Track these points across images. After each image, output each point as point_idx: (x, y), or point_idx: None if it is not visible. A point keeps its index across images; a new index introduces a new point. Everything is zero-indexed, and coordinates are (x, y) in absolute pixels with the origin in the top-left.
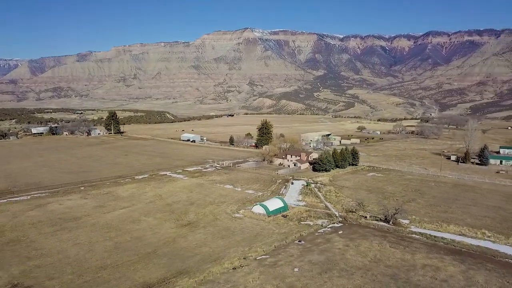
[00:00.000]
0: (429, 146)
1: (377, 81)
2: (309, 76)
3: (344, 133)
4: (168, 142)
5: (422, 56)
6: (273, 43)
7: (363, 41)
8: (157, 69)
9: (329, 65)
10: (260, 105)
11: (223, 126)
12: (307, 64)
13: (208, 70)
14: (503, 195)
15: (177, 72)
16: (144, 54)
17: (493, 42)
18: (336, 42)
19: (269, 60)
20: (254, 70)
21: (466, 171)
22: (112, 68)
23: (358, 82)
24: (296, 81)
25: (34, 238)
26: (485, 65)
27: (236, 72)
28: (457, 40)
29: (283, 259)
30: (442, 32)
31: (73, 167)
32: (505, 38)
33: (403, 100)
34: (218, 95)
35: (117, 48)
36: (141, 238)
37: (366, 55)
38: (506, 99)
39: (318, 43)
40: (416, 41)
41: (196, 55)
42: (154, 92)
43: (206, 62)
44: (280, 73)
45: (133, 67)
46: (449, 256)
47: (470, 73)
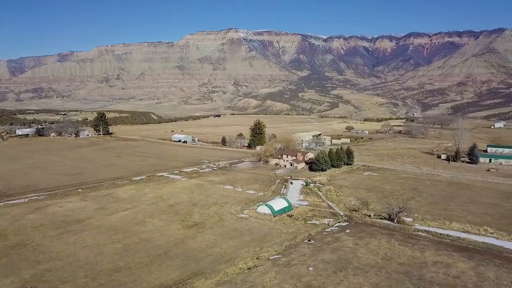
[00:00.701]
0: (418, 145)
1: (360, 81)
2: (293, 76)
3: (332, 133)
4: (160, 143)
5: (404, 57)
6: (257, 43)
7: (346, 42)
8: (141, 69)
9: (313, 65)
10: (245, 105)
11: (212, 127)
12: (292, 65)
13: (192, 71)
14: (497, 193)
15: (161, 73)
16: (127, 54)
17: (472, 43)
18: (320, 42)
19: (253, 61)
20: (239, 70)
21: (458, 170)
22: (95, 68)
23: (342, 82)
24: (281, 81)
25: (39, 242)
26: (465, 66)
27: (220, 73)
28: (438, 41)
29: (296, 259)
30: (423, 33)
31: (67, 169)
32: (483, 40)
33: (386, 100)
34: (202, 96)
35: (99, 48)
36: (149, 240)
37: (349, 55)
38: (485, 99)
39: (302, 43)
40: (398, 42)
41: (180, 55)
42: (137, 93)
43: (190, 63)
44: (264, 74)
45: (116, 68)
46: (457, 253)
47: (450, 73)
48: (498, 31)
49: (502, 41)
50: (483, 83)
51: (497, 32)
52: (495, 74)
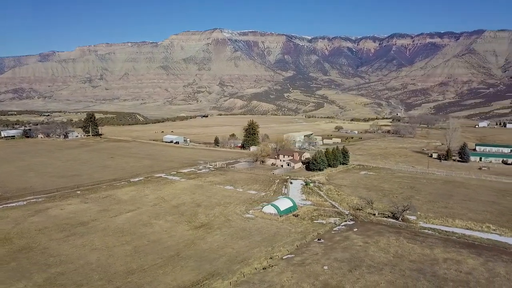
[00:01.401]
0: (407, 144)
1: (345, 81)
2: (278, 77)
3: (322, 133)
4: (152, 144)
5: (387, 58)
6: (242, 43)
7: (330, 43)
8: (125, 69)
9: (298, 66)
10: (231, 105)
11: (201, 127)
12: (277, 65)
13: (177, 71)
14: (492, 190)
15: (145, 73)
16: (111, 54)
17: (453, 44)
18: (304, 43)
19: (239, 61)
20: (224, 70)
21: (451, 168)
22: (77, 68)
23: (326, 82)
24: (266, 82)
25: (46, 245)
26: (446, 66)
27: (205, 73)
28: (420, 42)
29: (310, 258)
30: (406, 34)
31: (61, 170)
32: (464, 41)
33: (371, 100)
34: (188, 96)
35: (82, 48)
36: (158, 241)
37: (333, 56)
38: (466, 99)
39: (287, 44)
40: (381, 43)
41: (165, 56)
42: (121, 93)
43: (175, 63)
44: (250, 74)
45: (99, 68)
46: (465, 249)
47: (432, 74)
48: (478, 32)
49: (481, 42)
50: (464, 83)
51: (477, 33)
52: (476, 75)
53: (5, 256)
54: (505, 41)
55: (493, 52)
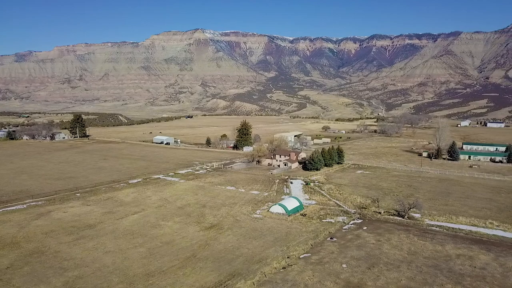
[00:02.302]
0: (395, 144)
1: (326, 82)
2: (261, 77)
3: (310, 133)
4: (142, 145)
5: (368, 58)
6: (224, 44)
7: (312, 43)
8: (105, 70)
9: (280, 66)
10: (214, 106)
11: (189, 128)
12: (259, 66)
13: (158, 71)
14: (487, 187)
15: (126, 73)
16: (90, 54)
17: (431, 46)
18: (286, 44)
19: (221, 61)
20: (206, 71)
21: (443, 167)
22: (56, 69)
23: (308, 83)
24: (249, 82)
25: (57, 248)
26: (425, 67)
27: (187, 73)
28: (399, 43)
29: (327, 256)
30: (385, 36)
31: (56, 173)
32: (441, 42)
33: (352, 100)
34: (169, 97)
35: (60, 48)
36: (171, 243)
37: (315, 57)
38: (445, 99)
39: (269, 44)
40: (361, 44)
41: (146, 56)
42: (102, 94)
43: (156, 63)
44: (232, 75)
45: (79, 68)
46: (474, 245)
47: (412, 74)
48: (455, 34)
49: (458, 44)
50: (442, 84)
51: (454, 35)
52: (453, 75)
53: (17, 261)
54: (480, 42)
55: (469, 53)
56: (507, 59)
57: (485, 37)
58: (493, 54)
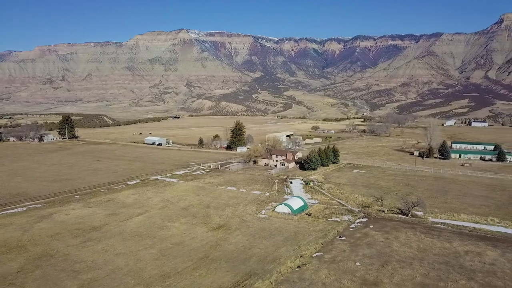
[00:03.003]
0: (385, 143)
1: (311, 82)
2: (246, 78)
3: (300, 133)
4: (134, 146)
5: (352, 59)
6: (209, 44)
7: (296, 44)
8: (88, 70)
9: (266, 67)
10: (199, 106)
11: (178, 129)
12: (244, 66)
13: (143, 72)
14: (481, 185)
15: (110, 74)
16: (73, 54)
17: (414, 47)
18: (271, 44)
19: (206, 62)
20: (191, 71)
21: (435, 165)
22: (37, 69)
23: (293, 83)
24: (234, 82)
25: (65, 251)
26: (408, 68)
27: (172, 73)
28: (382, 44)
29: (339, 255)
30: (369, 37)
31: (50, 175)
32: (423, 43)
33: (337, 100)
34: (154, 97)
35: (42, 47)
36: (181, 244)
37: (300, 57)
38: (427, 99)
39: (254, 45)
40: (345, 44)
41: (130, 56)
42: (85, 95)
43: (141, 63)
44: (217, 75)
45: (61, 68)
46: (481, 242)
47: (395, 75)
48: (436, 35)
49: (440, 45)
50: (425, 84)
51: (435, 36)
52: (435, 76)
53: (27, 264)
54: (461, 43)
55: (450, 54)
56: (486, 60)
57: (465, 38)
58: (473, 55)
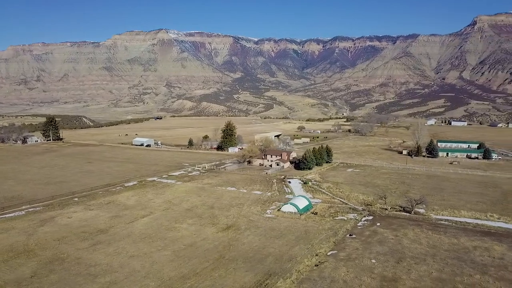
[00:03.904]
0: (372, 142)
1: (291, 83)
2: (227, 78)
3: (286, 133)
4: (122, 147)
5: (331, 60)
6: (189, 44)
7: (276, 45)
8: (64, 70)
9: (246, 67)
10: (180, 107)
11: (164, 130)
12: (225, 66)
13: (121, 72)
14: (473, 183)
15: (87, 74)
16: (48, 54)
17: (391, 48)
18: (251, 45)
19: (186, 62)
20: (171, 71)
21: (425, 164)
22: (10, 69)
23: (274, 84)
24: (215, 83)
25: (76, 255)
26: (386, 68)
27: (151, 74)
28: (361, 45)
29: (353, 253)
30: (347, 38)
31: (42, 177)
32: (400, 44)
33: (317, 101)
34: (133, 98)
35: (15, 47)
36: (194, 245)
37: (280, 58)
38: (405, 99)
39: (234, 45)
40: (325, 45)
41: (108, 56)
42: (61, 96)
43: (119, 64)
44: (198, 75)
45: (36, 69)
46: (486, 237)
47: (373, 75)
48: (413, 37)
49: (416, 46)
50: (402, 84)
51: (412, 37)
52: (412, 76)
53: (39, 269)
54: (436, 45)
55: (426, 55)
56: (461, 61)
57: (440, 40)
58: (448, 56)
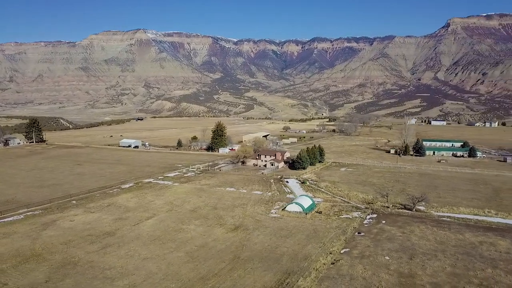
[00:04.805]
0: (358, 142)
1: (271, 83)
2: (206, 78)
3: (272, 133)
4: (109, 149)
5: (310, 60)
6: (167, 45)
7: (256, 45)
8: (38, 71)
9: (226, 68)
10: (159, 108)
11: (148, 131)
12: (204, 67)
13: (98, 72)
14: (464, 180)
15: (63, 75)
16: (21, 54)
17: (368, 49)
18: (230, 45)
19: (164, 62)
20: (149, 72)
21: (414, 162)
22: None
23: (254, 85)
24: (194, 83)
25: (88, 258)
26: (363, 69)
27: (129, 74)
28: (339, 46)
29: (366, 250)
30: (326, 39)
31: (33, 180)
32: (377, 45)
33: (297, 101)
34: (111, 99)
35: None
36: (206, 246)
37: (259, 58)
38: (382, 99)
39: (213, 46)
40: (303, 46)
41: (84, 56)
42: (36, 97)
43: (96, 64)
44: (177, 76)
45: (8, 69)
46: (489, 233)
47: (351, 76)
48: (389, 38)
49: (393, 47)
50: (380, 85)
51: (388, 38)
52: (389, 77)
53: (53, 274)
54: (412, 46)
55: (402, 56)
56: (435, 62)
57: (416, 41)
58: (423, 57)
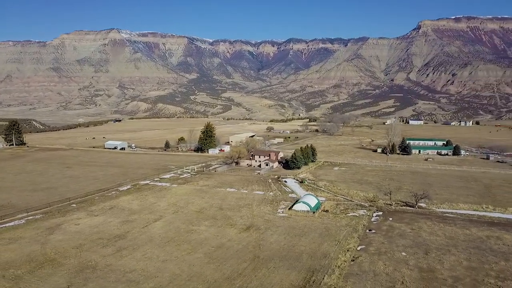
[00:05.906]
0: (343, 141)
1: (248, 84)
2: (182, 79)
3: (257, 134)
4: (96, 151)
5: (286, 61)
6: (142, 45)
7: (232, 46)
8: (6, 71)
9: (202, 68)
10: (134, 109)
11: (131, 132)
12: (180, 67)
13: (70, 73)
14: (455, 177)
15: (33, 75)
16: None
17: (343, 50)
18: (206, 46)
19: (139, 63)
20: (124, 72)
21: (402, 161)
22: None
23: (230, 85)
24: (170, 84)
25: (105, 262)
26: (338, 70)
27: (103, 75)
28: (314, 47)
29: (381, 247)
30: (301, 40)
31: (25, 184)
32: (351, 47)
33: (274, 102)
34: (84, 100)
35: None
36: (222, 246)
37: (235, 59)
38: (357, 99)
39: (189, 46)
40: (279, 47)
41: (55, 56)
42: (4, 98)
43: (68, 64)
44: (152, 76)
45: None
46: (493, 227)
47: (327, 77)
48: (363, 39)
49: (366, 48)
50: (354, 85)
51: (362, 40)
52: (363, 77)
53: (73, 278)
54: (385, 47)
55: (376, 57)
56: (407, 63)
57: (389, 43)
58: (396, 58)
